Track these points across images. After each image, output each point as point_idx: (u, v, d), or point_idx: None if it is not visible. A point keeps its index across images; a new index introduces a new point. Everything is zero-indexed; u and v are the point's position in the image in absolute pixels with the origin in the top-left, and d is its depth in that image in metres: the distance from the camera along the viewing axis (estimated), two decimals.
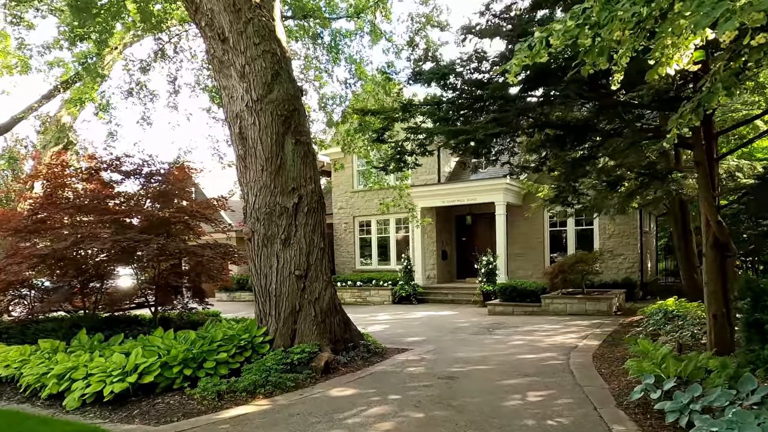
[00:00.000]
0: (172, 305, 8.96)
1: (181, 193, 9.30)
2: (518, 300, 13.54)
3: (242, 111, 7.02)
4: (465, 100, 6.66)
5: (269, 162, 6.93)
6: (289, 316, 7.13)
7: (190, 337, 7.01)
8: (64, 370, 6.42)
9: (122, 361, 6.35)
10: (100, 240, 7.18)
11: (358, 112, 8.80)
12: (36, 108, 12.69)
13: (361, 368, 7.26)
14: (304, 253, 7.17)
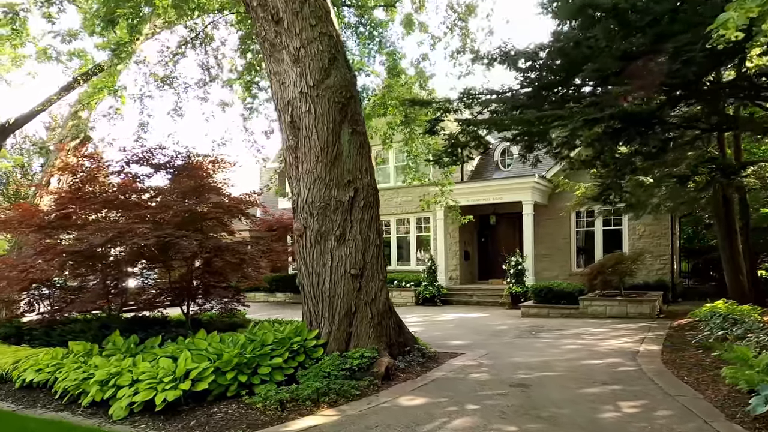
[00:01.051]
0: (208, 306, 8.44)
1: (212, 188, 8.80)
2: (553, 302, 13.08)
3: (295, 98, 6.54)
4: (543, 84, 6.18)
5: (324, 153, 6.45)
6: (344, 318, 6.65)
7: (239, 340, 6.52)
8: (106, 376, 5.92)
9: (171, 367, 5.86)
10: (140, 235, 6.69)
11: (408, 103, 8.31)
12: (55, 100, 12.19)
13: (420, 374, 6.78)
14: (359, 251, 6.69)
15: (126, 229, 6.82)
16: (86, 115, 14.53)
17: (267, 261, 8.76)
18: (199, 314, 8.72)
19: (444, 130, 7.97)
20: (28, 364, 7.31)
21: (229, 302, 8.39)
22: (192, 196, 8.86)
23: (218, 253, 7.48)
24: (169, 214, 8.76)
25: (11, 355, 8.04)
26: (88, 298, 7.75)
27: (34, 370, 7.02)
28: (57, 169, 8.50)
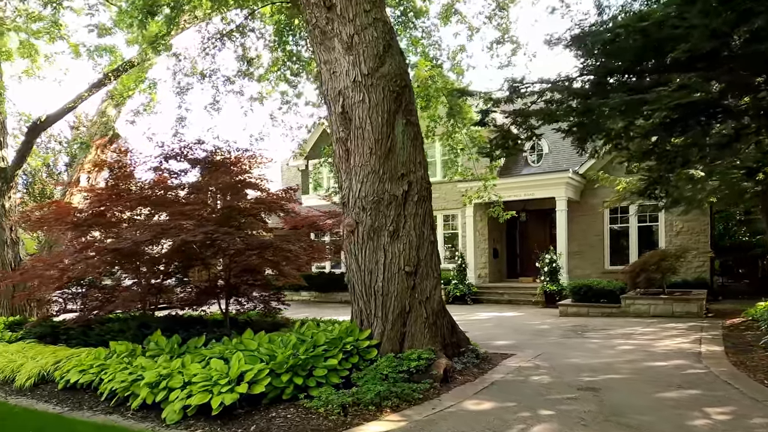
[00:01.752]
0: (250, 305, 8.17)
1: (251, 183, 8.55)
2: (593, 300, 12.67)
3: (347, 88, 6.26)
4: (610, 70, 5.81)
5: (378, 144, 6.16)
6: (397, 317, 6.35)
7: (290, 340, 6.25)
8: (156, 378, 5.70)
9: (223, 369, 5.61)
10: (186, 231, 6.45)
11: (456, 93, 7.98)
12: (85, 97, 12.06)
13: (477, 376, 6.47)
14: (414, 247, 6.39)
15: (172, 225, 6.59)
16: (114, 113, 14.43)
17: (308, 258, 8.48)
18: (242, 313, 8.46)
19: (495, 121, 7.64)
20: (71, 364, 7.13)
21: (271, 301, 8.13)
22: (229, 191, 8.63)
23: (262, 250, 7.21)
24: (207, 211, 8.55)
25: (51, 355, 7.88)
26: (129, 296, 7.54)
27: (77, 370, 6.84)
28: (93, 165, 8.33)
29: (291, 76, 11.41)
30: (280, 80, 11.42)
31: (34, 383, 7.22)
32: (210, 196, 8.81)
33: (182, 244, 6.93)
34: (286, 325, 8.09)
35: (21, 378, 7.29)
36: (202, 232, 6.47)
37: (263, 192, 8.72)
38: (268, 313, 8.15)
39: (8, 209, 12.29)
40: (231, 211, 8.27)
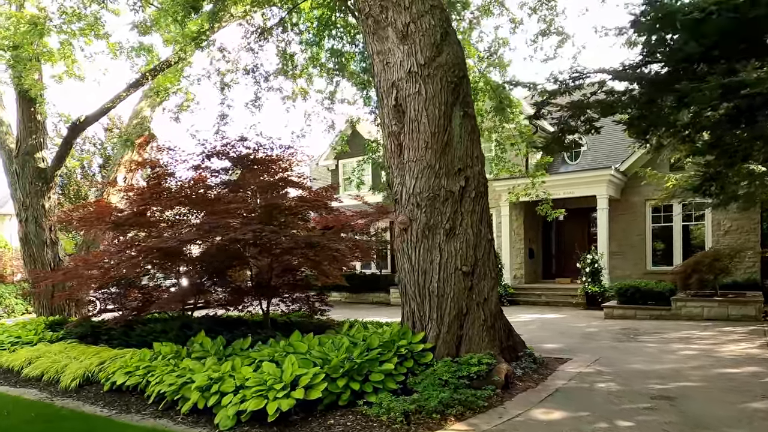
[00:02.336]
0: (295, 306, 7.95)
1: (292, 181, 8.34)
2: (640, 302, 12.14)
3: (401, 79, 5.99)
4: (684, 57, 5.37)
5: (435, 138, 5.87)
6: (454, 320, 6.04)
7: (342, 343, 6.00)
8: (207, 381, 5.50)
9: (276, 372, 5.38)
10: (234, 229, 6.25)
11: (509, 85, 7.63)
12: (124, 97, 12.05)
13: (538, 382, 6.11)
14: (471, 246, 6.08)
15: (221, 223, 6.39)
16: (149, 113, 14.43)
17: (353, 257, 8.22)
18: (285, 314, 8.25)
19: (551, 114, 7.27)
20: (116, 365, 7.01)
21: (316, 302, 7.89)
22: (270, 190, 8.44)
23: (308, 250, 6.97)
24: (247, 209, 8.37)
25: (95, 356, 7.79)
26: (174, 296, 7.39)
27: (123, 372, 6.70)
28: (137, 164, 8.23)
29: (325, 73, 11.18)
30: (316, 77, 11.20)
31: (79, 384, 7.13)
32: (251, 194, 8.63)
33: (229, 243, 6.74)
34: (331, 326, 7.84)
35: (66, 379, 7.20)
36: (250, 230, 6.27)
37: (304, 190, 8.50)
38: (314, 315, 7.90)
39: (48, 209, 12.35)
40: (273, 209, 8.08)
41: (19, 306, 20.40)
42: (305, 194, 8.09)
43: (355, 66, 10.01)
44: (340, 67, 10.08)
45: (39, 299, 12.83)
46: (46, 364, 7.91)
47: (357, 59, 9.95)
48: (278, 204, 7.56)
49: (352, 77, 11.06)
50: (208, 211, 8.47)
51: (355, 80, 11.27)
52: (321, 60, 10.07)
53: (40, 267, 12.36)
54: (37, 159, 12.11)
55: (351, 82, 11.49)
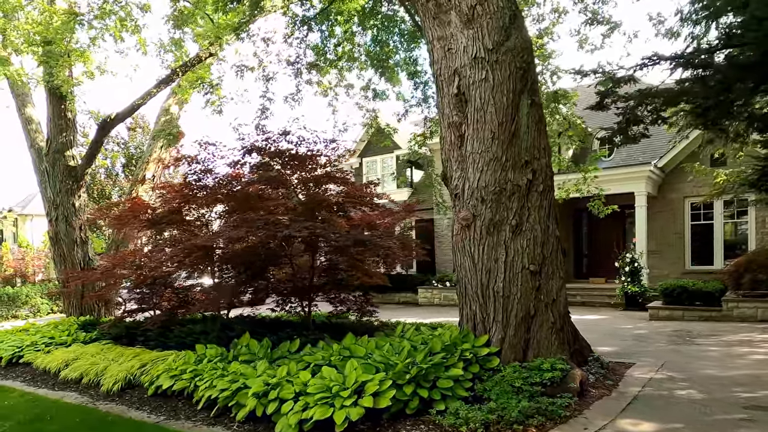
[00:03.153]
0: (344, 307, 7.59)
1: (335, 177, 8.01)
2: (686, 303, 11.65)
3: (464, 66, 5.63)
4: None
5: (502, 128, 5.50)
6: (521, 322, 5.67)
7: (402, 347, 5.65)
8: (263, 387, 5.19)
9: (338, 378, 5.06)
10: (286, 226, 5.93)
11: (570, 73, 7.22)
12: (154, 93, 11.84)
13: (610, 389, 5.71)
14: (538, 243, 5.70)
15: (272, 220, 6.07)
16: (177, 111, 14.23)
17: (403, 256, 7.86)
18: (334, 315, 7.90)
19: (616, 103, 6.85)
20: (159, 368, 6.74)
21: (364, 303, 7.54)
22: (312, 185, 8.14)
23: (357, 247, 6.62)
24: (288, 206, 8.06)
25: (135, 358, 7.54)
26: (218, 296, 7.08)
27: (168, 376, 6.43)
28: (175, 159, 7.98)
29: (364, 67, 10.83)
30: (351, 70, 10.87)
31: (121, 388, 6.88)
32: (292, 190, 8.33)
33: (275, 240, 6.43)
34: (379, 328, 7.50)
35: (107, 382, 6.95)
36: (303, 227, 5.95)
37: (346, 185, 8.17)
38: (363, 316, 7.56)
39: (78, 208, 12.19)
40: (316, 206, 7.76)
41: (45, 306, 20.39)
42: (347, 190, 7.75)
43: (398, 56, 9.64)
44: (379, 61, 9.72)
45: (69, 299, 12.67)
46: (84, 367, 7.68)
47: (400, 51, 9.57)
48: (323, 200, 7.24)
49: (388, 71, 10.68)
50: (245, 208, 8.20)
51: (389, 75, 10.93)
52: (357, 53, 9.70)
53: (70, 266, 12.21)
54: (68, 157, 11.95)
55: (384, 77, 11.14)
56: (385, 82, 11.39)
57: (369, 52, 9.46)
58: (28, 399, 7.00)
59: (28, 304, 19.68)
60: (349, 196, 7.43)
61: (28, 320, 18.06)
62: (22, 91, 12.38)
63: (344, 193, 7.46)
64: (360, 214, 8.57)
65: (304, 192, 8.30)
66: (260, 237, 5.94)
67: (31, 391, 7.43)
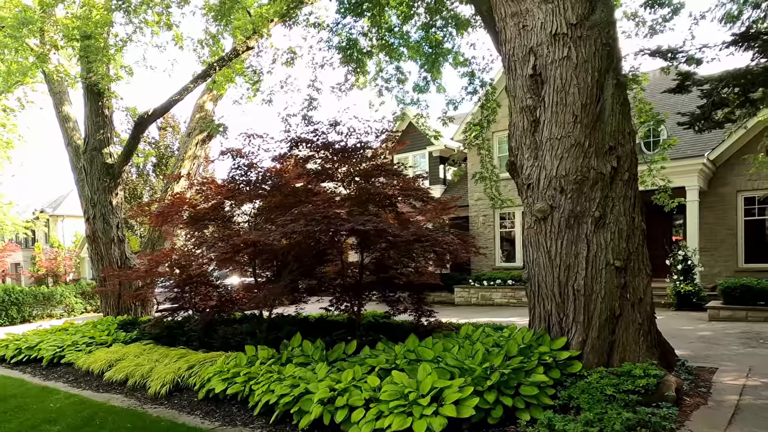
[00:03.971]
0: (402, 307, 7.17)
1: (388, 169, 7.60)
2: (750, 303, 10.95)
3: (540, 44, 5.17)
4: None
5: (585, 111, 5.03)
6: (605, 323, 5.18)
7: (476, 350, 5.21)
8: (329, 393, 4.81)
9: (410, 384, 4.64)
10: (346, 219, 5.55)
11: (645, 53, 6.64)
12: (191, 88, 11.62)
13: (705, 398, 5.18)
14: (623, 237, 5.21)
15: (330, 214, 5.68)
16: (211, 107, 14.02)
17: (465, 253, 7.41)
18: (384, 315, 7.50)
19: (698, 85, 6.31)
20: (209, 371, 6.43)
21: (418, 301, 7.11)
22: (362, 178, 7.75)
23: (420, 243, 6.20)
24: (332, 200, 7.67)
25: (181, 360, 7.26)
26: (271, 293, 6.71)
27: (220, 379, 6.10)
28: (221, 153, 7.67)
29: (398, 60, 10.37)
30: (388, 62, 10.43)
31: (169, 390, 6.58)
32: (341, 184, 7.97)
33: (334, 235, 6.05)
34: (436, 329, 7.07)
35: (155, 384, 6.67)
36: (366, 221, 5.56)
37: (397, 178, 7.76)
38: (421, 317, 7.13)
39: (115, 206, 12.04)
40: (368, 199, 7.38)
41: (79, 305, 20.47)
42: (402, 184, 7.33)
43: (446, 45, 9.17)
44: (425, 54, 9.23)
45: (106, 298, 12.55)
46: (129, 368, 7.42)
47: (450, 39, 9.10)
48: (379, 193, 6.84)
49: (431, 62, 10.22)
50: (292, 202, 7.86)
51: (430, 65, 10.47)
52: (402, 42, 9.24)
53: (107, 265, 12.07)
54: (105, 154, 11.80)
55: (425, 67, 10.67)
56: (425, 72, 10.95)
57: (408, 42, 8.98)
58: (74, 401, 6.75)
59: (62, 304, 19.77)
60: (403, 189, 7.01)
61: (66, 319, 18.11)
62: (59, 89, 12.28)
63: (399, 186, 7.04)
64: (407, 208, 8.15)
65: (353, 185, 7.93)
66: (317, 231, 5.55)
67: (76, 393, 7.20)
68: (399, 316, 8.30)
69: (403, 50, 8.85)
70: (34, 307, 18.73)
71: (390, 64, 9.41)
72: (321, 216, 5.55)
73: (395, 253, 6.75)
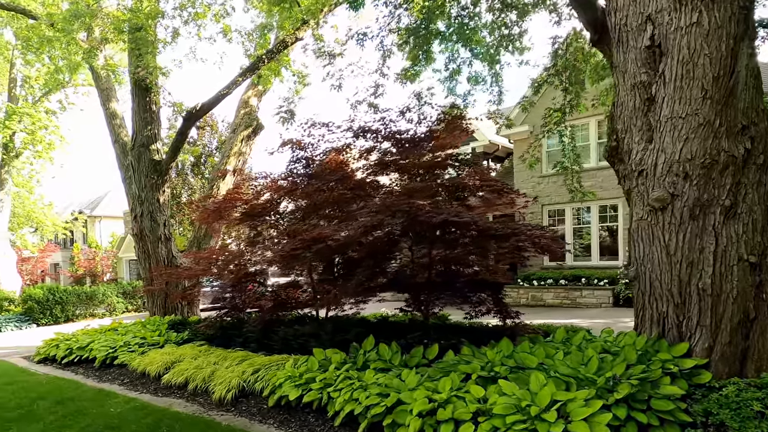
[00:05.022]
0: (483, 308, 6.60)
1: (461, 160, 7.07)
2: None
3: (661, 10, 4.56)
4: None
5: (717, 85, 4.40)
6: (737, 326, 4.54)
7: (588, 356, 4.63)
8: (429, 405, 4.29)
9: (523, 394, 4.09)
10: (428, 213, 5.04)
11: None
12: (240, 82, 11.30)
13: None
14: (758, 229, 4.56)
15: (414, 204, 5.18)
16: (255, 103, 13.72)
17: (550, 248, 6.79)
18: (470, 317, 6.88)
19: None
20: (279, 375, 6.00)
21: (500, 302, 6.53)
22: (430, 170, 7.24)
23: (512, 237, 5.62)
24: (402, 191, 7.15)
25: (245, 363, 6.86)
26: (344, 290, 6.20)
27: (293, 385, 5.65)
28: (282, 143, 7.26)
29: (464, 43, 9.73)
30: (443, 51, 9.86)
31: (234, 396, 6.18)
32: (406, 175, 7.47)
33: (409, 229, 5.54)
34: (517, 332, 6.49)
35: (219, 389, 6.27)
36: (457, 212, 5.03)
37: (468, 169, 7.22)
38: (506, 319, 6.56)
39: (162, 204, 11.80)
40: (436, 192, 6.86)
41: (120, 305, 20.51)
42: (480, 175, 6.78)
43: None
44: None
45: (152, 297, 12.32)
46: (189, 371, 7.06)
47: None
48: (460, 185, 6.29)
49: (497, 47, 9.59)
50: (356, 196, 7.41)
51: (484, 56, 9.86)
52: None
53: (154, 264, 11.84)
54: (152, 151, 11.57)
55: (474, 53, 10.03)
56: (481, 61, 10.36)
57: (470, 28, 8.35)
58: (135, 406, 6.41)
59: (104, 303, 19.82)
60: (483, 181, 6.45)
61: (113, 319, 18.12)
62: (106, 86, 12.12)
63: (479, 178, 6.48)
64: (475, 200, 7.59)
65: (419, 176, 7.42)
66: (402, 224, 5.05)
67: (135, 397, 6.87)
68: (453, 316, 7.73)
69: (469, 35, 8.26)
70: (77, 306, 18.80)
71: (451, 52, 8.84)
72: (405, 207, 5.04)
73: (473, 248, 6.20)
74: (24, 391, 7.40)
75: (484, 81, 8.91)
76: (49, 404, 6.69)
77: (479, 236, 5.53)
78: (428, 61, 8.29)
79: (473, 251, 6.08)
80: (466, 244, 5.74)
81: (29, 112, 21.45)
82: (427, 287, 6.41)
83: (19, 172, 24.06)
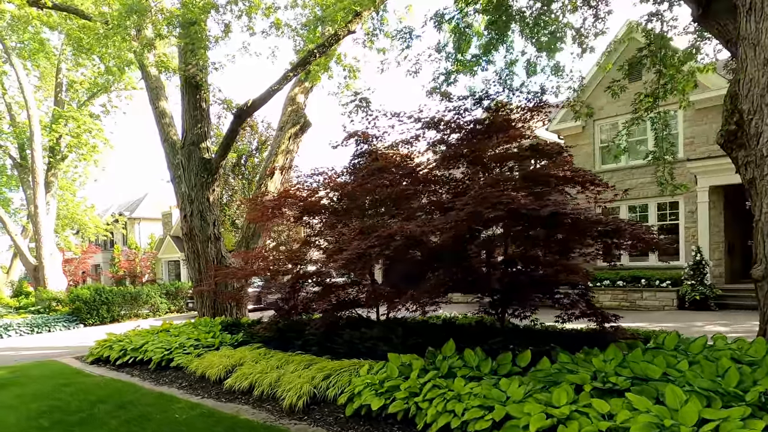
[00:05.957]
0: (576, 311, 6.01)
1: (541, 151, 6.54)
2: None
3: None
4: None
5: None
6: None
7: (724, 367, 4.06)
8: (545, 421, 3.79)
9: (659, 410, 3.56)
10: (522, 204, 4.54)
11: None
12: (291, 77, 11.00)
13: None
14: None
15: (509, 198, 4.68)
16: (302, 100, 13.43)
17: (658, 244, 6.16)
18: (566, 321, 6.25)
19: None
20: (356, 382, 5.59)
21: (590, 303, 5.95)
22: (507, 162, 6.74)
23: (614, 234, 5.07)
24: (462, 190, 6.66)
25: (313, 368, 6.47)
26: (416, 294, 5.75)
27: (374, 393, 5.23)
28: (348, 135, 6.89)
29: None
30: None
31: (306, 403, 5.78)
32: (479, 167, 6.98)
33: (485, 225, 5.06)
34: (619, 337, 5.90)
35: (290, 396, 5.88)
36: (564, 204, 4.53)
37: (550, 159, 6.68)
38: (604, 323, 5.98)
39: (212, 203, 11.59)
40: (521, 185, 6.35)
41: (163, 305, 20.56)
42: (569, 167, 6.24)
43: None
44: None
45: (202, 298, 12.11)
46: (253, 375, 6.72)
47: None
48: (542, 176, 5.78)
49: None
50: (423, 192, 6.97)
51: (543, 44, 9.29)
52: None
53: (203, 264, 11.64)
54: (202, 149, 11.37)
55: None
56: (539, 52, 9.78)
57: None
58: (201, 413, 6.08)
59: (148, 304, 19.89)
60: (574, 172, 5.91)
61: (159, 319, 18.16)
62: (156, 84, 12.00)
63: (571, 170, 5.93)
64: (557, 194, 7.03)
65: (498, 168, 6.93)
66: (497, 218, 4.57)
67: (198, 402, 6.55)
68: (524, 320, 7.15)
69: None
70: (122, 306, 18.89)
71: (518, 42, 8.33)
72: (506, 199, 4.56)
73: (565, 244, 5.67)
74: (82, 393, 7.20)
75: (562, 70, 8.35)
76: (110, 408, 6.44)
77: (575, 231, 5.00)
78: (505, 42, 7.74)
79: (566, 247, 5.54)
80: (560, 241, 5.21)
81: (74, 116, 21.78)
82: (505, 288, 5.90)
83: (64, 175, 24.48)
